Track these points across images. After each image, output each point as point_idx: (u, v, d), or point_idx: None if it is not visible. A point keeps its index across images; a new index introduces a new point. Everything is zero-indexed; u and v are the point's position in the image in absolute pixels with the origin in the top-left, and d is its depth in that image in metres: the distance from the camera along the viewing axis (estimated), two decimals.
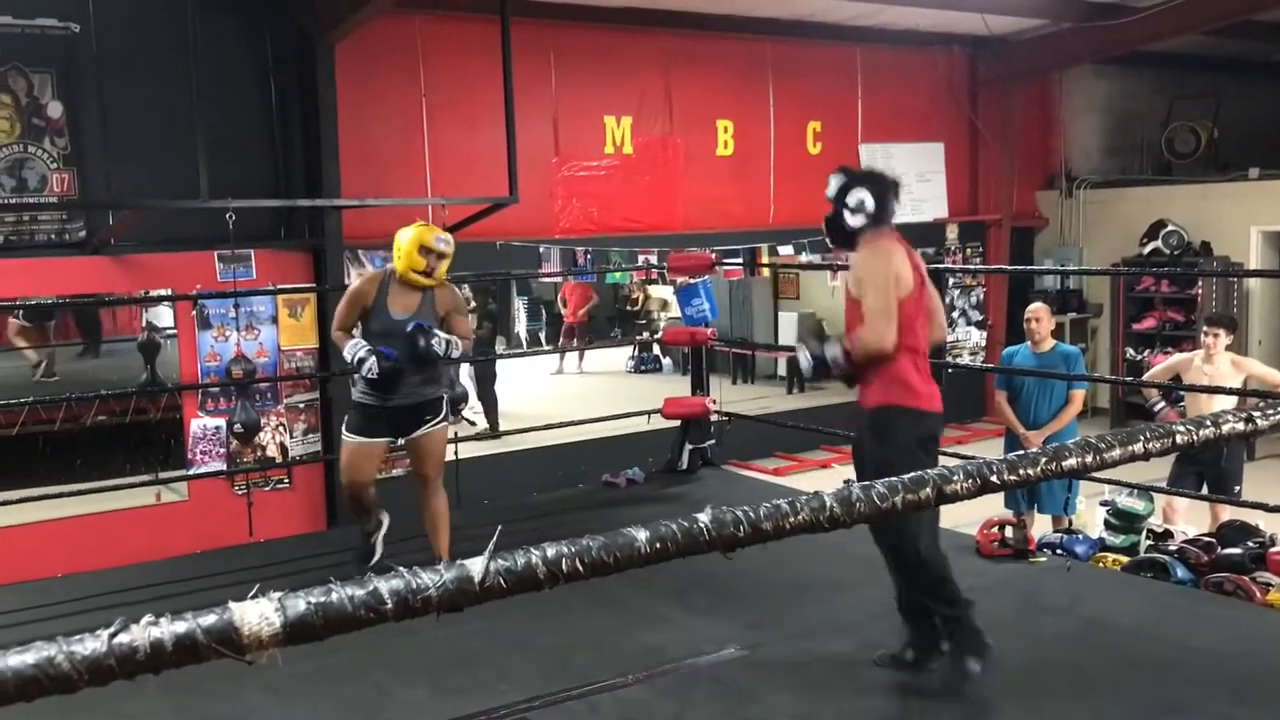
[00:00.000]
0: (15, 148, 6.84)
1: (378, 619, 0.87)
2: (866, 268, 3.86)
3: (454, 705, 3.88)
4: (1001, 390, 6.68)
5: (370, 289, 4.99)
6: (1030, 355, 6.58)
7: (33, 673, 0.74)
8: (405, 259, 4.90)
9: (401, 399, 5.01)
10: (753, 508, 1.13)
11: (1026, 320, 6.63)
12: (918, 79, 10.70)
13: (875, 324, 3.75)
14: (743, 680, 4.07)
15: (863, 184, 3.88)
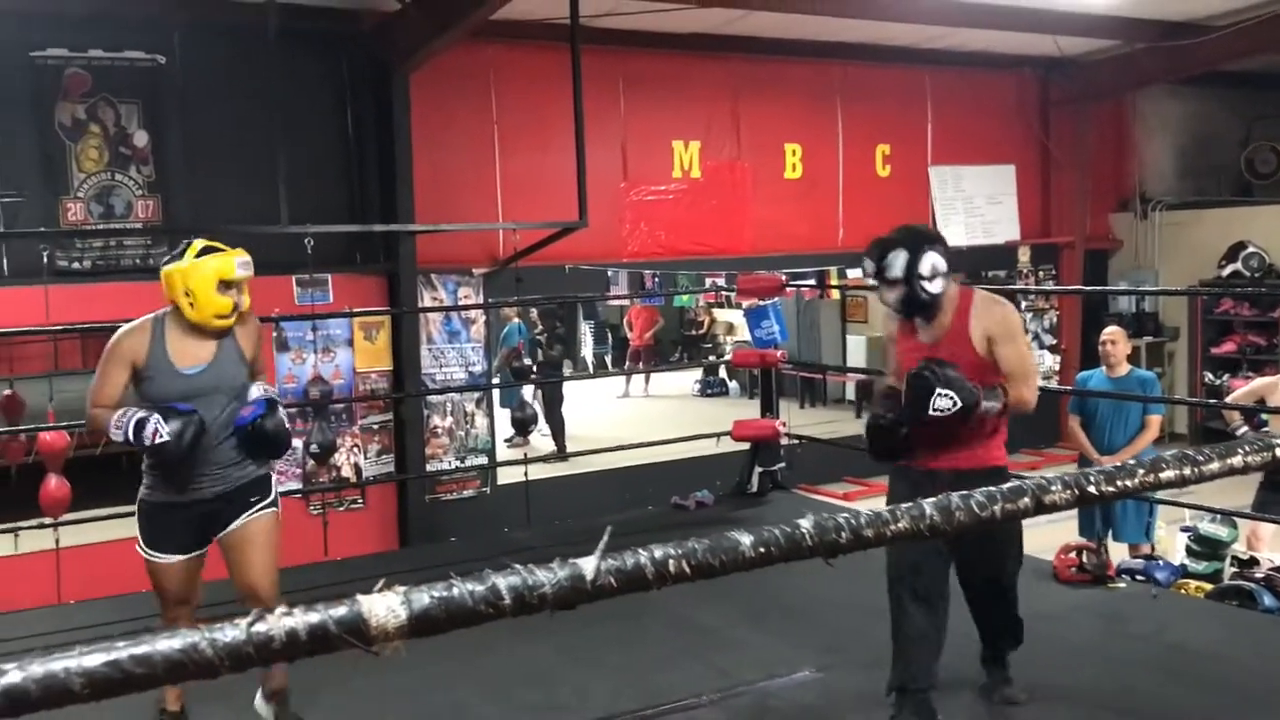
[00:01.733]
0: (103, 176, 7.08)
1: (496, 614, 0.90)
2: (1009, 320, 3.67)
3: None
4: (1075, 415, 6.57)
5: (139, 344, 3.55)
6: (1105, 379, 6.47)
7: (180, 657, 0.77)
8: (203, 304, 3.50)
9: (212, 485, 3.59)
10: (854, 514, 1.13)
11: (1102, 343, 6.52)
12: (988, 101, 10.63)
13: (1032, 379, 3.63)
14: (817, 703, 4.04)
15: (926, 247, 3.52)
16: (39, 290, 5.87)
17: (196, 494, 3.60)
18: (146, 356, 3.56)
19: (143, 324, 3.62)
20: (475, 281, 8.24)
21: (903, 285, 3.51)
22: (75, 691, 0.75)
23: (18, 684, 0.73)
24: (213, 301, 3.51)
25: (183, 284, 3.52)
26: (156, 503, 3.65)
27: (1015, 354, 3.61)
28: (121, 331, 3.60)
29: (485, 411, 8.42)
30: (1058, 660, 4.35)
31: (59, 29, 6.86)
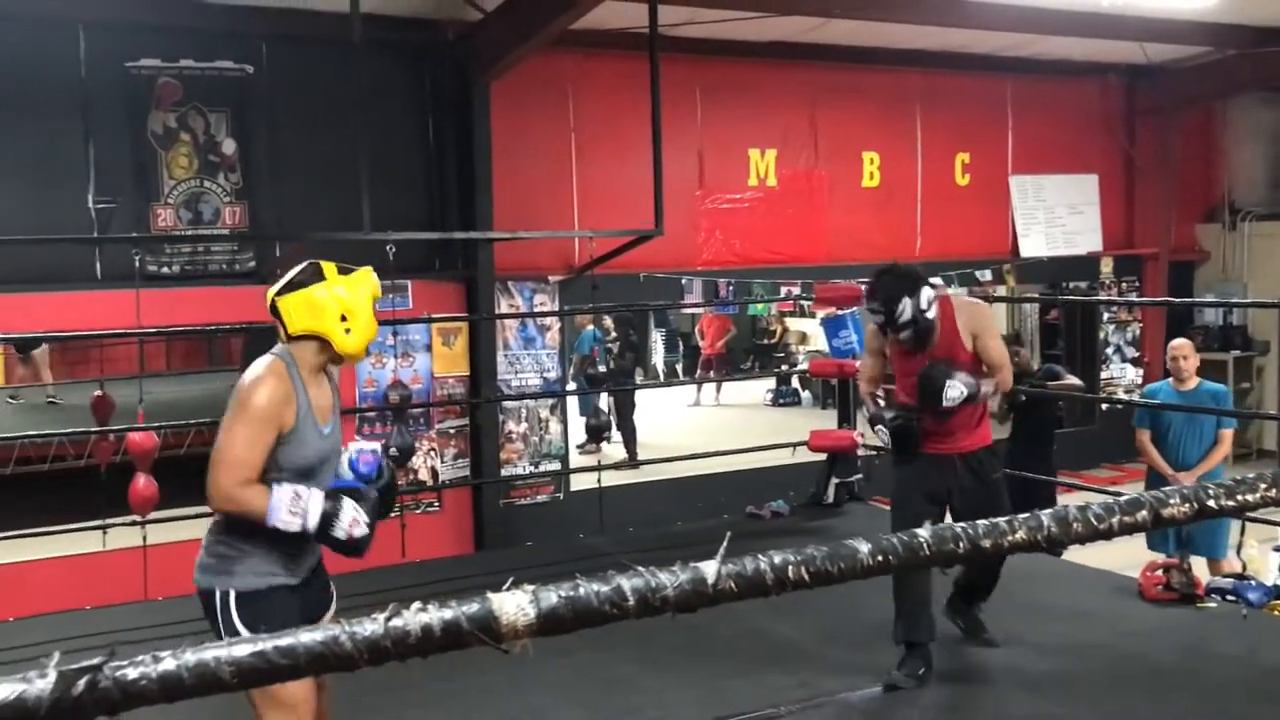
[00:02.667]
0: (193, 183, 7.25)
1: (620, 615, 0.90)
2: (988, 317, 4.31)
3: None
4: (1144, 429, 6.37)
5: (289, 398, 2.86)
6: (1174, 393, 6.29)
7: (321, 649, 0.79)
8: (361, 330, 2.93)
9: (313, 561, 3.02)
10: (970, 525, 1.12)
11: (1172, 357, 6.34)
12: (1071, 109, 10.46)
13: (1009, 366, 4.28)
14: (897, 716, 4.00)
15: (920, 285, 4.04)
16: (130, 294, 6.02)
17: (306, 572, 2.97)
18: (295, 414, 2.85)
19: (280, 371, 2.86)
20: (551, 289, 8.30)
21: (911, 325, 4.04)
22: (225, 680, 0.77)
23: (173, 671, 0.75)
24: (370, 326, 2.94)
25: (341, 306, 2.88)
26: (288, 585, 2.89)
27: (996, 345, 4.26)
28: (269, 384, 2.81)
29: (559, 418, 8.46)
30: (1144, 681, 4.26)
31: (152, 40, 7.05)
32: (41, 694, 0.73)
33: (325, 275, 2.92)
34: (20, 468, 8.67)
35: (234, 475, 2.76)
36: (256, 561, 2.85)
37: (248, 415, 2.79)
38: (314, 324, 2.88)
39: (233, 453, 2.77)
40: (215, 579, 2.86)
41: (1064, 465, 7.43)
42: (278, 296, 2.91)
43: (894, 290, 4.00)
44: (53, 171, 6.85)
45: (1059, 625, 4.88)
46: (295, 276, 2.94)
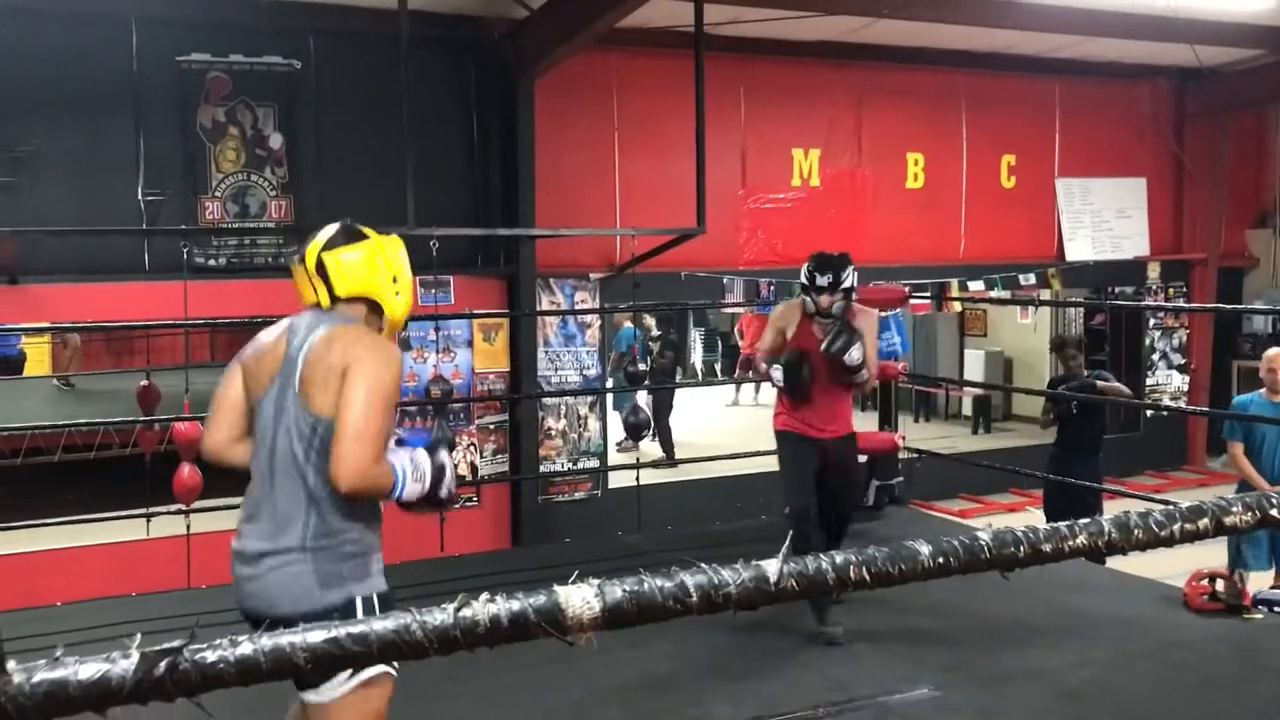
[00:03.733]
0: (240, 176, 7.33)
1: (683, 610, 0.90)
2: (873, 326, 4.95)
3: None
4: (1236, 441, 6.15)
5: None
6: (1266, 404, 6.11)
7: (393, 637, 0.80)
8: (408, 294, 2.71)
9: None
10: (1032, 529, 1.11)
11: (1269, 369, 6.17)
12: (1119, 112, 10.34)
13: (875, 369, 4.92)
14: None
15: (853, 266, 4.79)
16: (178, 285, 6.10)
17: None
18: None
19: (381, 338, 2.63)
20: (592, 286, 8.31)
21: (845, 295, 4.73)
22: (299, 665, 0.78)
23: (249, 655, 0.76)
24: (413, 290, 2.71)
25: (391, 267, 2.63)
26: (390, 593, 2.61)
27: (873, 351, 4.85)
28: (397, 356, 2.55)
29: (598, 415, 8.48)
30: (1189, 692, 4.20)
31: (203, 35, 7.14)
32: (125, 674, 0.74)
33: (367, 234, 2.67)
34: (67, 455, 8.80)
35: (376, 450, 2.43)
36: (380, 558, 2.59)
37: (381, 386, 2.45)
38: (367, 285, 2.60)
39: (374, 428, 2.42)
40: (355, 585, 2.51)
41: (1108, 472, 7.35)
42: (325, 252, 2.60)
43: (842, 261, 4.76)
44: (104, 164, 6.95)
45: (1102, 634, 4.82)
46: (335, 235, 2.65)
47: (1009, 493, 9.58)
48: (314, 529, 2.50)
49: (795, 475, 4.97)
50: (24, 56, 6.68)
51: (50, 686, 0.72)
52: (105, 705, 0.75)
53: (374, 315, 2.64)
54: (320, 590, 2.48)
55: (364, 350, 2.48)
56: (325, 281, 2.59)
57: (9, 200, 6.67)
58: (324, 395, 2.47)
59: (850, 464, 5.17)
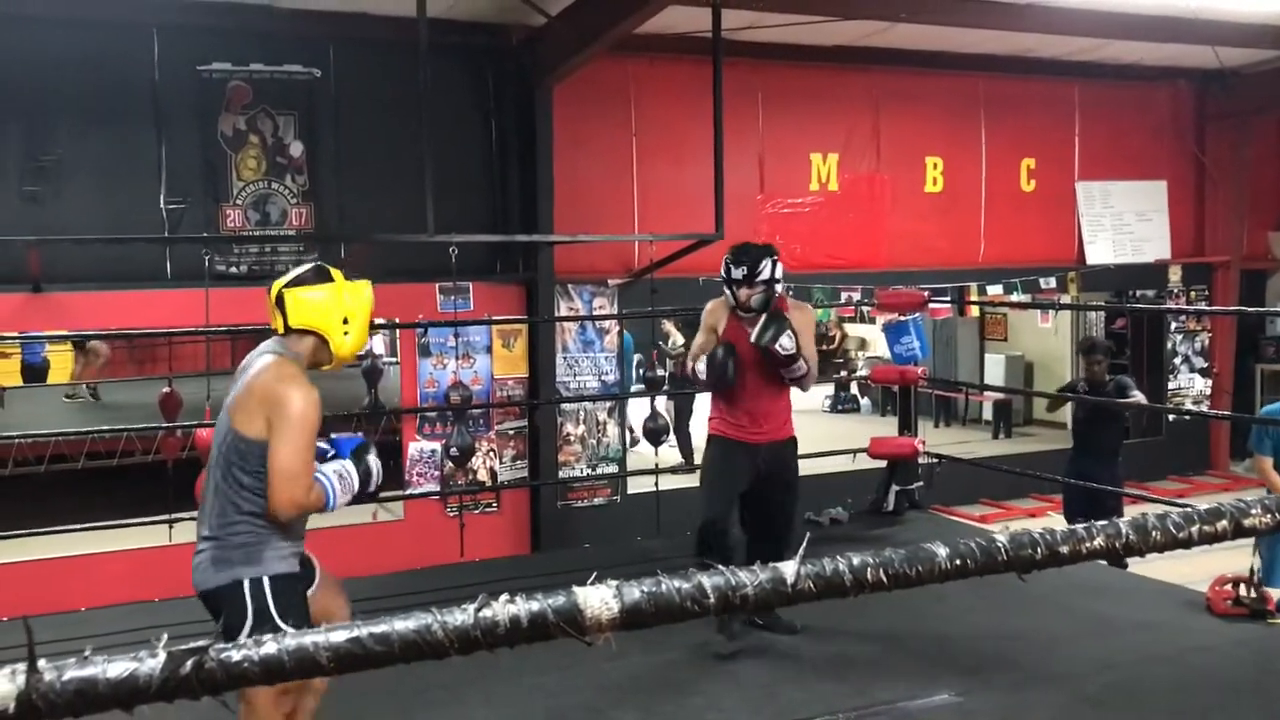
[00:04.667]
0: (261, 184, 7.38)
1: (701, 612, 0.91)
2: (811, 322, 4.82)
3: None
4: (1265, 455, 5.75)
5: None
6: None
7: (414, 637, 0.81)
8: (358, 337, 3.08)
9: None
10: (1049, 531, 1.11)
11: None
12: (1140, 115, 10.29)
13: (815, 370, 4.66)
14: None
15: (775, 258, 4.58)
16: (199, 293, 6.15)
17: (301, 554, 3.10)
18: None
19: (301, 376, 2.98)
20: (610, 292, 8.33)
21: (765, 287, 4.50)
22: (322, 664, 0.79)
23: (274, 654, 0.77)
24: (365, 334, 3.10)
25: (344, 309, 3.00)
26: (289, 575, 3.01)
27: (810, 346, 4.64)
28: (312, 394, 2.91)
29: (617, 420, 8.49)
30: (1213, 697, 4.17)
31: (223, 44, 7.19)
32: (152, 672, 0.76)
33: (333, 277, 3.06)
34: (91, 462, 8.88)
35: (304, 484, 2.88)
36: (283, 546, 2.97)
37: (302, 426, 2.87)
38: (317, 322, 3.00)
39: (297, 464, 2.87)
40: (243, 568, 2.91)
41: (1130, 476, 7.31)
42: (286, 289, 3.02)
43: (760, 251, 4.55)
44: (126, 173, 7.01)
45: (1124, 638, 4.80)
46: (304, 273, 3.07)
47: (1030, 498, 9.53)
48: (215, 520, 2.95)
49: (715, 482, 4.64)
50: (47, 66, 6.74)
51: (80, 684, 0.73)
52: (133, 703, 0.76)
53: (323, 347, 3.06)
54: (214, 571, 2.92)
55: (285, 391, 2.90)
56: (282, 313, 3.01)
57: (33, 209, 6.73)
58: (243, 415, 2.93)
59: (789, 471, 4.73)
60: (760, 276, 4.48)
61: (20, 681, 0.72)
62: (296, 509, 2.88)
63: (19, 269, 6.53)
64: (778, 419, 4.67)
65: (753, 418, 4.62)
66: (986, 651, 4.69)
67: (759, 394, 4.60)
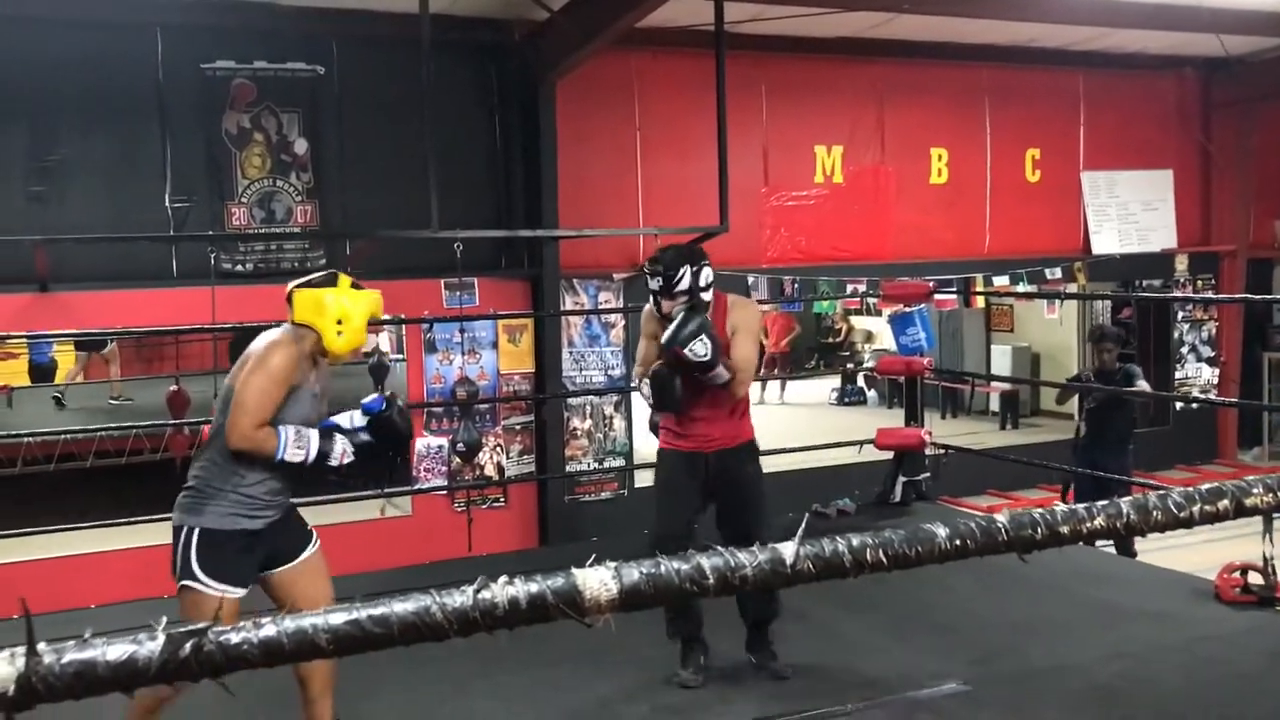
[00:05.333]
0: (266, 182, 7.39)
1: (700, 593, 0.91)
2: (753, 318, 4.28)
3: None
4: None
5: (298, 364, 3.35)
6: None
7: (413, 619, 0.81)
8: (351, 337, 3.42)
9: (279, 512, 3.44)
10: (1049, 511, 1.11)
11: None
12: (1145, 104, 10.26)
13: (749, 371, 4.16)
14: (965, 715, 3.96)
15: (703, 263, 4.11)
16: (206, 291, 6.17)
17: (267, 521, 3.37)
18: (299, 377, 3.35)
19: (292, 341, 3.35)
20: (615, 286, 8.33)
21: (686, 296, 4.03)
22: (321, 646, 0.80)
23: (273, 636, 0.78)
24: (361, 336, 3.46)
25: (339, 311, 3.37)
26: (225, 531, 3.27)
27: (748, 346, 4.16)
28: (288, 349, 3.31)
29: (623, 415, 8.49)
30: (1222, 685, 4.17)
31: (227, 42, 7.20)
32: (151, 655, 0.76)
33: (337, 284, 3.47)
34: (99, 460, 8.90)
35: (254, 419, 3.25)
36: (219, 504, 3.29)
37: (267, 370, 3.29)
38: (314, 318, 3.40)
39: (254, 400, 3.26)
40: (185, 516, 3.30)
41: (1138, 466, 7.29)
42: (296, 289, 3.45)
43: (677, 258, 4.08)
44: (131, 171, 7.02)
45: (1132, 627, 4.80)
46: (316, 278, 3.52)
47: (1037, 488, 9.52)
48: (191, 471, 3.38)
49: (662, 500, 4.32)
50: (51, 66, 6.76)
51: (79, 666, 0.74)
52: (133, 685, 0.77)
53: (320, 341, 3.42)
54: (176, 515, 3.33)
55: (262, 343, 3.35)
56: (290, 307, 3.44)
57: (39, 208, 6.75)
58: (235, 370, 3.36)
59: (745, 480, 4.26)
60: (678, 287, 4.02)
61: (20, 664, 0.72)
62: (244, 441, 3.24)
63: (25, 269, 6.55)
64: (728, 424, 4.23)
65: (699, 426, 4.20)
66: (994, 641, 4.69)
67: (703, 398, 4.14)
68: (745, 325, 4.15)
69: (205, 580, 3.25)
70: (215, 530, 3.27)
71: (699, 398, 4.12)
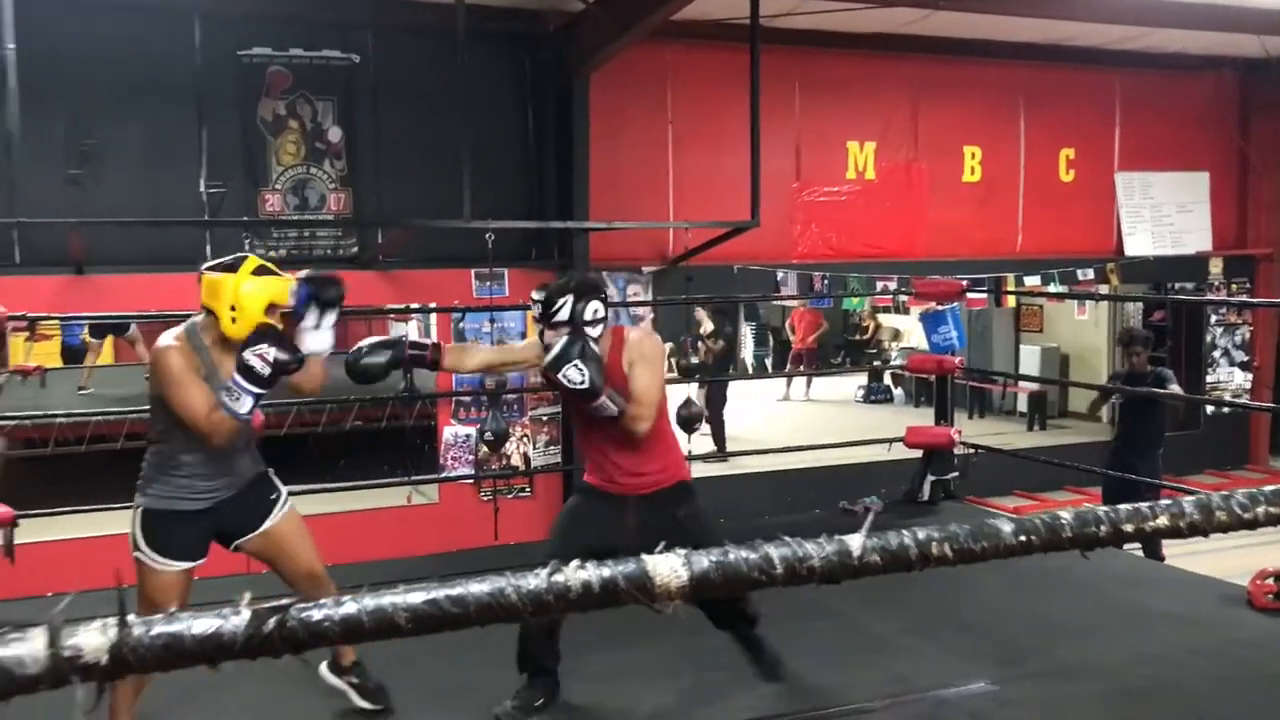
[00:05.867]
0: (300, 169, 7.43)
1: (768, 582, 0.91)
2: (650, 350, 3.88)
3: (701, 716, 3.93)
4: None
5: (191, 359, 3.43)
6: None
7: (489, 600, 0.82)
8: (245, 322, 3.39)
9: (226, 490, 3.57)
10: (1113, 509, 1.10)
11: None
12: (1181, 104, 10.16)
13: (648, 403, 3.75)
14: (994, 714, 3.94)
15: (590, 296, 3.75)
16: None
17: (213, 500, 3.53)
18: (202, 370, 3.42)
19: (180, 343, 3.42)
20: (645, 279, 8.32)
21: (567, 327, 3.71)
22: (400, 625, 0.80)
23: (353, 614, 0.78)
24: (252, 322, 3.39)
25: (232, 296, 3.38)
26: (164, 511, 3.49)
27: (647, 377, 3.77)
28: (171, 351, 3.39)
29: None
30: (1253, 691, 4.13)
31: (263, 29, 7.23)
32: (236, 629, 0.77)
33: (238, 269, 3.43)
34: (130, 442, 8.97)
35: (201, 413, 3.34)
36: (159, 488, 3.51)
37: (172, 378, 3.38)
38: (210, 302, 3.43)
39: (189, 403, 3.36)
40: (136, 496, 3.56)
41: (1167, 470, 7.23)
42: (203, 272, 3.49)
43: (562, 288, 3.77)
44: (167, 157, 7.07)
45: (1164, 632, 4.76)
46: (222, 261, 3.52)
47: (1064, 490, 9.47)
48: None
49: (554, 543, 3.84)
50: (90, 51, 6.81)
51: (168, 639, 0.74)
52: (218, 659, 0.77)
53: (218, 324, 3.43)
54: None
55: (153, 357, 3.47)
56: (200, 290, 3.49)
57: (76, 192, 6.80)
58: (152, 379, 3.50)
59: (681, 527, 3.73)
60: (556, 317, 3.72)
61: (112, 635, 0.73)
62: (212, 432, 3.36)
63: (62, 251, 6.61)
64: (647, 462, 3.82)
65: (609, 466, 3.84)
66: (1023, 641, 4.66)
67: (609, 436, 3.79)
68: (644, 357, 3.80)
69: (149, 553, 3.50)
70: (155, 510, 3.51)
71: (602, 432, 3.80)
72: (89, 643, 0.74)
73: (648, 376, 3.77)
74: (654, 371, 3.81)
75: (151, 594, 3.50)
